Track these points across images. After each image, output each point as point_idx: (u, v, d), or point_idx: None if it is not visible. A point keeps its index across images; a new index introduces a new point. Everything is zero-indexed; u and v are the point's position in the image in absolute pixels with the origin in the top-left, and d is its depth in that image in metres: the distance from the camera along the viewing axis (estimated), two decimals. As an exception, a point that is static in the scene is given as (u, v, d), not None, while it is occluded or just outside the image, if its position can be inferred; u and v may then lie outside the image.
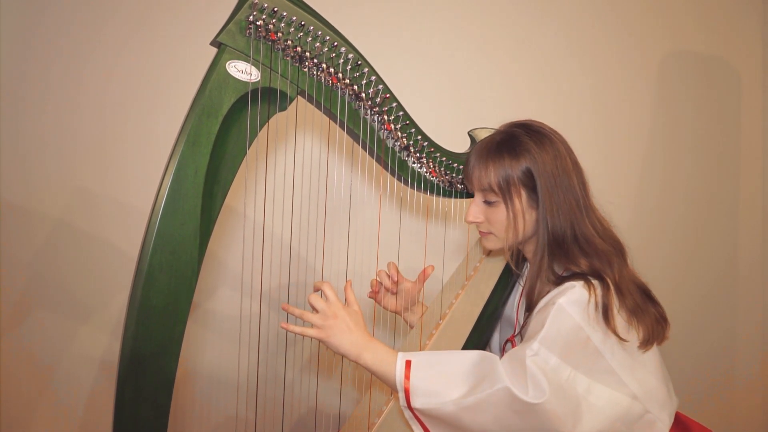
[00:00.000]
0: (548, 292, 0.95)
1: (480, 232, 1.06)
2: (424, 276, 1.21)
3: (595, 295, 0.90)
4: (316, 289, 0.96)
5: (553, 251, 0.97)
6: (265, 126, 0.91)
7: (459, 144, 1.20)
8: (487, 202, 1.01)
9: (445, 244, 1.38)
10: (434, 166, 1.10)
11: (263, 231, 1.20)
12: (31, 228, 1.49)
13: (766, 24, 1.95)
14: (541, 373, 0.84)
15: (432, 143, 1.08)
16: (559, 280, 0.95)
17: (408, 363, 0.89)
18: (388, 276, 1.20)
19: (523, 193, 0.97)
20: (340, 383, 1.59)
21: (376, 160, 1.06)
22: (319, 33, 0.91)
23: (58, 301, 1.51)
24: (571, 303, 0.89)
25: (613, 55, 1.84)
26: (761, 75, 1.95)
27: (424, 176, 1.11)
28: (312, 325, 0.92)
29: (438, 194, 1.14)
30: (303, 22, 0.89)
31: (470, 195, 1.19)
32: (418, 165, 1.09)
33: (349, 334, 0.91)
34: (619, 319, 0.91)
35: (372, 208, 1.61)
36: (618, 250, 0.98)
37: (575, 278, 0.93)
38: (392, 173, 1.09)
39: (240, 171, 0.89)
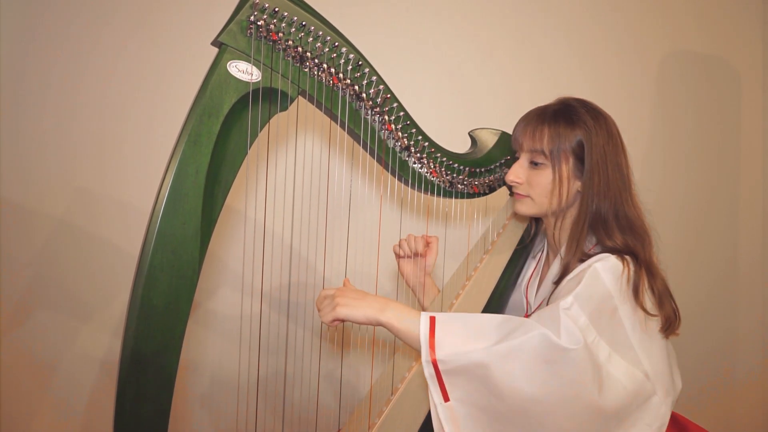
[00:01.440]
0: (575, 267, 0.96)
1: (516, 194, 1.08)
2: (432, 244, 1.23)
3: (628, 270, 0.91)
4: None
5: (594, 226, 0.98)
6: (266, 126, 0.91)
7: (459, 144, 1.21)
8: (534, 164, 1.03)
9: (446, 245, 1.38)
10: (435, 167, 1.10)
11: (264, 231, 1.20)
12: (32, 228, 1.49)
13: (766, 24, 1.95)
14: (574, 325, 0.84)
15: (432, 143, 1.09)
16: (586, 257, 0.96)
17: (433, 318, 0.86)
18: (416, 243, 1.22)
19: (572, 162, 1.00)
20: (340, 383, 1.59)
21: (377, 161, 1.06)
22: (320, 33, 0.91)
23: (59, 301, 1.51)
24: (606, 270, 0.90)
25: (613, 55, 1.84)
26: (761, 75, 1.96)
27: (425, 176, 1.11)
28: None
29: (438, 195, 1.14)
30: (304, 23, 0.89)
31: (471, 195, 1.19)
32: (419, 165, 1.09)
33: (363, 299, 0.89)
34: (647, 296, 0.93)
35: (373, 208, 1.61)
36: (649, 236, 1.00)
37: (607, 251, 0.95)
38: (393, 173, 1.09)
39: (241, 171, 0.89)
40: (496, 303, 1.14)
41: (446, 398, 0.85)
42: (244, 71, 0.86)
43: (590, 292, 0.89)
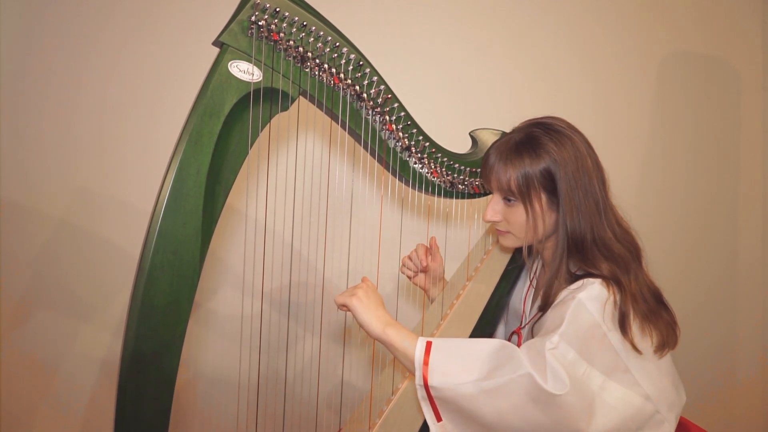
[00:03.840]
0: (563, 288, 0.95)
1: (497, 230, 1.07)
2: (432, 250, 1.24)
3: (614, 295, 0.91)
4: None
5: (572, 253, 0.97)
6: (267, 126, 0.91)
7: (460, 144, 1.21)
8: (507, 200, 1.01)
9: (446, 245, 1.38)
10: (435, 167, 1.10)
11: (265, 231, 1.20)
12: (32, 228, 1.49)
13: (766, 24, 1.95)
14: (561, 366, 0.84)
15: (433, 144, 1.09)
16: (574, 279, 0.95)
17: (429, 343, 0.89)
18: (418, 257, 1.24)
19: (543, 196, 0.97)
20: (341, 383, 1.59)
21: (378, 161, 1.06)
22: (321, 33, 0.91)
23: (60, 301, 1.51)
24: (590, 299, 0.89)
25: (613, 55, 1.84)
26: (761, 75, 1.96)
27: (426, 177, 1.11)
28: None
29: (439, 195, 1.14)
30: (305, 23, 0.89)
31: (471, 195, 1.19)
32: (420, 165, 1.10)
33: (375, 310, 0.93)
34: (634, 326, 0.92)
35: (373, 208, 1.61)
36: (634, 253, 0.97)
37: (592, 277, 0.93)
38: (393, 174, 1.09)
39: (242, 171, 0.90)
40: (494, 308, 1.14)
41: (438, 419, 0.89)
42: (245, 71, 0.86)
43: (577, 326, 0.88)
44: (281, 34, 0.88)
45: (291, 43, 0.89)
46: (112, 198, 1.53)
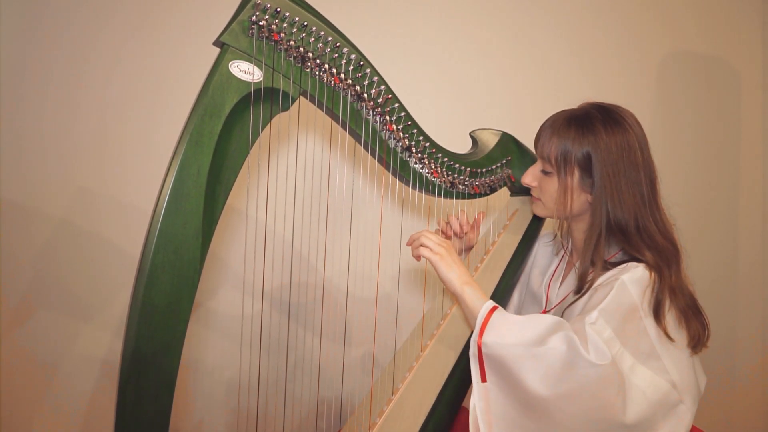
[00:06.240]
0: (600, 276, 0.98)
1: (531, 196, 1.12)
2: (477, 224, 1.28)
3: (654, 282, 0.93)
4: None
5: (614, 235, 0.99)
6: (268, 126, 0.91)
7: (460, 144, 1.21)
8: (544, 172, 1.05)
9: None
10: (436, 167, 1.10)
11: (265, 231, 1.20)
12: (32, 228, 1.49)
13: (766, 24, 1.95)
14: (600, 340, 0.87)
15: (434, 144, 1.09)
16: (608, 266, 0.98)
17: (494, 308, 0.95)
18: (459, 224, 1.26)
19: (577, 173, 0.99)
20: (341, 382, 1.59)
21: (378, 161, 1.07)
22: (322, 34, 0.91)
23: (60, 301, 1.51)
24: (633, 281, 0.92)
25: (613, 55, 1.84)
26: (761, 75, 1.96)
27: (426, 177, 1.11)
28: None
29: (439, 195, 1.14)
30: (305, 23, 0.90)
31: (471, 196, 1.19)
32: (420, 165, 1.10)
33: (458, 267, 0.99)
34: (669, 316, 0.94)
35: (374, 208, 1.61)
36: (676, 252, 0.99)
37: (635, 261, 0.96)
38: (394, 174, 1.09)
39: (242, 171, 0.90)
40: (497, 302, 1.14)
41: (483, 379, 0.92)
42: (245, 71, 0.86)
43: (616, 305, 0.91)
44: (282, 34, 0.88)
45: (292, 43, 0.89)
46: (112, 198, 1.53)
